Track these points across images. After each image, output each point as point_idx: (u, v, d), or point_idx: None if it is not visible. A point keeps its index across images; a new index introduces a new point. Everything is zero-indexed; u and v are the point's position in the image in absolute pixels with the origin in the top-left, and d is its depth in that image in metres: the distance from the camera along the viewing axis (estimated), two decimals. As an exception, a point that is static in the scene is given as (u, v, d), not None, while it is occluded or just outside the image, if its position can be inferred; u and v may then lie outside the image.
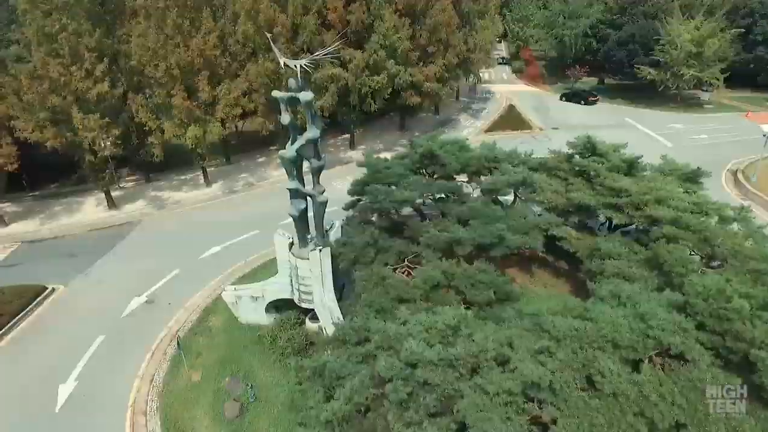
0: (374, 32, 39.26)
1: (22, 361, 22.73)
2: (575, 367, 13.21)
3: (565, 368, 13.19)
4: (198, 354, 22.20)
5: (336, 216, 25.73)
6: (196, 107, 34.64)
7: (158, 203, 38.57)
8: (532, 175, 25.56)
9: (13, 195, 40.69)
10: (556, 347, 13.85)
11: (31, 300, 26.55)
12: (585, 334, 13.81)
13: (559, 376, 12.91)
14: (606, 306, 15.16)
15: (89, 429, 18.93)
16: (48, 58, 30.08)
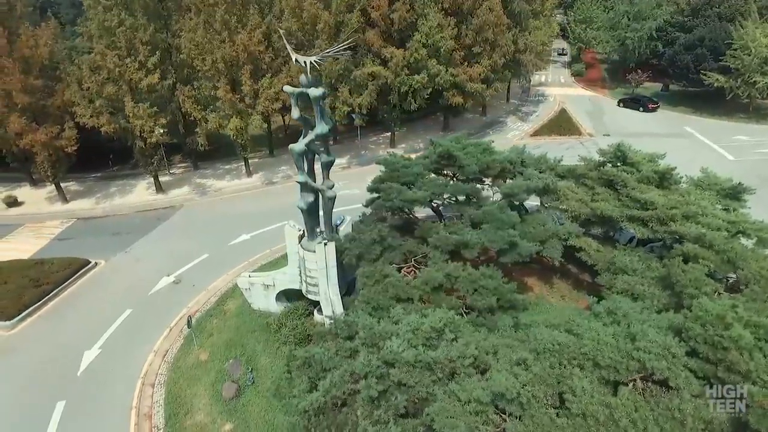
0: (417, 31, 39.12)
1: (58, 326, 24.82)
2: (549, 382, 12.67)
3: (537, 382, 12.68)
4: (210, 335, 23.29)
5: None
6: (239, 100, 36.11)
7: (201, 190, 40.61)
8: (557, 182, 24.60)
9: (77, 175, 44.32)
10: (534, 360, 13.34)
11: (74, 272, 28.90)
12: (566, 350, 13.21)
13: (529, 390, 12.44)
14: (598, 323, 14.39)
15: (102, 394, 20.39)
16: (106, 50, 32.49)
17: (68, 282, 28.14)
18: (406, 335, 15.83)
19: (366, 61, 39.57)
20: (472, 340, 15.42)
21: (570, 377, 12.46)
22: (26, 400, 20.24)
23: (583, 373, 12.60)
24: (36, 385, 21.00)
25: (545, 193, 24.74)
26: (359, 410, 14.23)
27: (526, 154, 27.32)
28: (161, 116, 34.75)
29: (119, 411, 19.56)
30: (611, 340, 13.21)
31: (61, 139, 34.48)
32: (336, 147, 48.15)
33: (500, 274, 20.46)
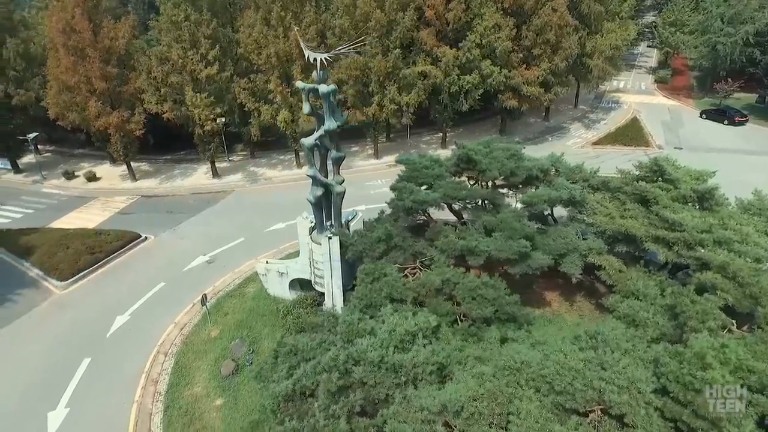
0: (472, 31, 38.32)
1: (101, 291, 27.46)
2: (500, 400, 12.12)
3: (487, 398, 12.17)
4: (225, 314, 24.62)
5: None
6: (290, 94, 37.54)
7: (252, 178, 42.75)
8: (586, 194, 23.15)
9: (150, 157, 48.49)
10: (491, 376, 12.81)
11: (126, 244, 31.74)
12: (526, 369, 12.56)
13: (475, 405, 11.98)
14: (574, 346, 13.50)
15: (123, 356, 22.32)
16: (172, 42, 35.20)
17: (119, 252, 30.97)
18: (383, 335, 15.84)
19: (418, 59, 39.43)
20: (441, 348, 15.11)
21: (521, 398, 11.82)
22: (59, 353, 22.67)
23: (537, 396, 11.90)
24: (70, 340, 23.45)
25: (572, 205, 23.38)
26: (317, 402, 14.47)
27: (561, 162, 25.96)
28: (217, 106, 37.03)
29: (133, 373, 21.31)
30: (579, 365, 12.36)
31: (130, 123, 37.88)
32: (387, 145, 48.59)
33: (504, 285, 19.75)
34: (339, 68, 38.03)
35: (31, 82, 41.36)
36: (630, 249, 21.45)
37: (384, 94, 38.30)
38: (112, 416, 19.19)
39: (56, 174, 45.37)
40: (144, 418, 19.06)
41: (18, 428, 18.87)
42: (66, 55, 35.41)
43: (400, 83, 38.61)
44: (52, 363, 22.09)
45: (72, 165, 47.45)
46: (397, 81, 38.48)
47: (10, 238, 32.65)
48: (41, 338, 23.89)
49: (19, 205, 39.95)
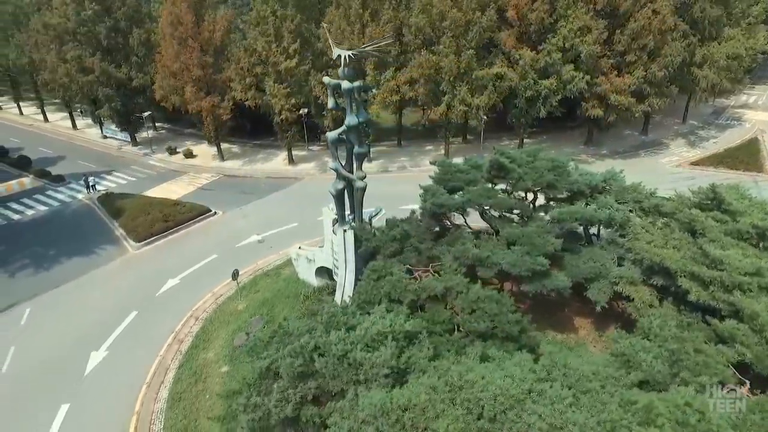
0: (556, 33, 36.15)
1: (164, 256, 30.82)
2: (428, 415, 11.74)
3: (417, 411, 11.86)
4: (256, 291, 26.31)
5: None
6: (361, 89, 38.53)
7: (323, 168, 44.50)
8: (628, 216, 20.96)
9: (242, 140, 52.89)
10: (432, 389, 12.43)
11: (196, 216, 35.16)
12: (467, 389, 12.02)
13: (401, 414, 11.75)
14: (533, 374, 12.58)
15: (162, 315, 24.90)
16: (259, 35, 37.98)
17: (188, 223, 34.42)
18: (359, 331, 15.99)
19: (496, 61, 38.17)
20: (409, 354, 14.87)
21: (448, 417, 11.36)
22: (115, 303, 25.97)
23: (466, 418, 11.34)
24: (127, 294, 26.72)
25: (611, 227, 21.31)
26: (277, 384, 15.07)
27: (617, 179, 23.76)
28: (294, 97, 39.25)
29: (165, 331, 23.74)
30: (522, 395, 11.52)
31: (219, 108, 41.64)
32: (461, 146, 47.78)
33: (510, 302, 18.66)
34: (411, 67, 38.22)
35: (149, 68, 47.21)
36: (666, 283, 19.00)
37: (454, 94, 37.69)
38: (137, 365, 21.60)
39: (163, 149, 51.36)
40: (161, 371, 21.22)
41: (64, 361, 22.05)
42: (171, 44, 39.92)
43: (473, 84, 37.69)
44: (107, 311, 25.39)
45: (178, 142, 53.34)
46: (469, 82, 37.63)
47: (110, 200, 37.83)
48: (106, 288, 27.56)
49: (127, 173, 45.99)
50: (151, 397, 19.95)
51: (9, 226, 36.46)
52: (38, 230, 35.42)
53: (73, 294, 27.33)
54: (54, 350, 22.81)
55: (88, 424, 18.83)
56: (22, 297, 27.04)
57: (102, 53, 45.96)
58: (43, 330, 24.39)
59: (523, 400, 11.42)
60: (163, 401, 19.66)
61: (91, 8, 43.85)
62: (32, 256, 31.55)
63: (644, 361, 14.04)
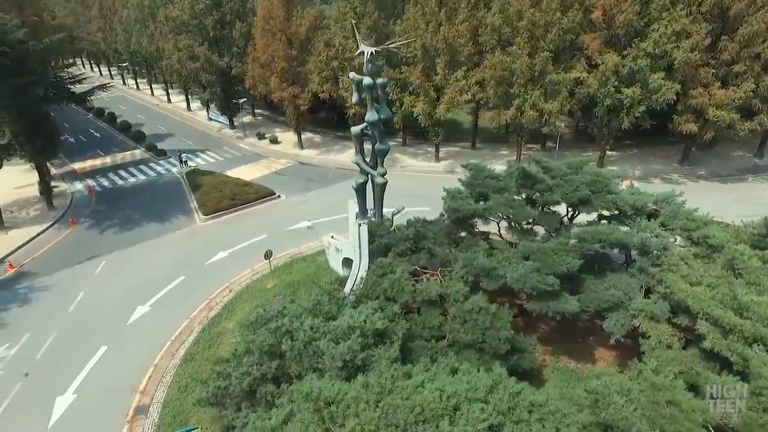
0: (646, 37, 32.79)
1: (223, 231, 33.62)
2: (342, 412, 11.82)
3: (339, 403, 11.98)
4: (289, 272, 27.72)
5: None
6: (432, 88, 38.37)
7: (391, 163, 45.03)
8: (667, 244, 18.65)
9: (324, 130, 55.41)
10: (364, 387, 12.44)
11: (260, 198, 37.76)
12: (393, 395, 11.88)
13: (316, 406, 11.95)
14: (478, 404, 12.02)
15: (204, 284, 27.27)
16: (337, 30, 39.47)
17: (252, 203, 37.09)
18: (336, 323, 16.36)
19: (576, 65, 35.66)
20: (370, 352, 14.89)
21: (360, 419, 11.33)
22: (169, 267, 28.99)
23: (378, 422, 11.22)
24: (180, 261, 29.65)
25: (645, 254, 19.10)
26: (247, 358, 15.96)
27: (671, 202, 21.25)
28: (364, 92, 40.19)
29: (201, 298, 26.01)
30: (437, 406, 11.13)
31: (299, 98, 44.06)
32: (537, 152, 45.28)
33: (506, 319, 17.73)
34: (483, 67, 37.15)
35: (246, 58, 51.29)
36: (691, 324, 16.64)
37: (525, 98, 35.93)
38: (170, 323, 24.01)
39: (254, 134, 55.58)
40: (186, 332, 23.41)
41: (115, 310, 25.22)
42: (263, 36, 43.02)
43: (546, 89, 35.63)
44: (161, 272, 28.47)
45: (269, 128, 57.37)
46: (543, 86, 35.62)
47: (194, 176, 42.02)
48: (167, 252, 30.88)
49: (218, 153, 50.62)
50: (171, 352, 22.13)
51: (113, 189, 42.25)
52: (133, 195, 40.58)
53: (141, 254, 31.01)
54: (109, 300, 26.18)
55: (115, 367, 21.45)
56: (102, 251, 31.35)
57: (209, 43, 50.96)
58: (108, 281, 28.09)
59: (441, 416, 10.98)
60: (179, 358, 21.69)
61: (203, 2, 48.84)
62: (121, 217, 36.32)
63: (613, 404, 12.62)
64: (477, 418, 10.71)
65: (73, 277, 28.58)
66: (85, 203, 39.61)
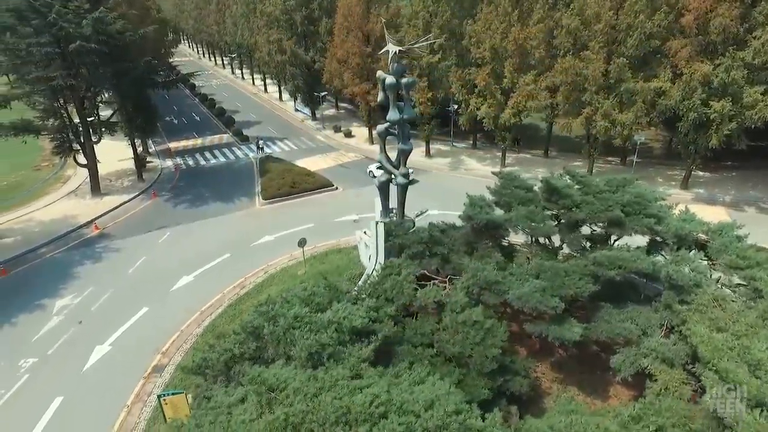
0: (743, 45, 28.82)
1: (277, 216, 35.52)
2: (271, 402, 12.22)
3: (280, 392, 12.38)
4: (322, 262, 28.63)
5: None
6: (498, 91, 37.08)
7: (456, 165, 44.47)
8: (699, 281, 16.51)
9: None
10: (308, 380, 12.73)
11: (319, 188, 39.26)
12: (323, 394, 12.05)
13: (261, 389, 12.45)
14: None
15: (245, 262, 29.04)
16: (409, 28, 39.56)
17: (309, 192, 38.67)
18: (321, 316, 16.78)
19: (661, 73, 32.31)
20: (337, 346, 15.06)
21: (293, 404, 11.65)
22: (220, 244, 31.26)
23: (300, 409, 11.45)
24: (231, 240, 31.83)
25: (675, 289, 17.03)
26: (234, 335, 16.88)
27: (727, 234, 18.79)
28: (433, 91, 39.93)
29: (238, 275, 27.79)
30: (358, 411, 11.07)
31: (370, 95, 44.86)
32: (614, 168, 41.83)
33: (501, 337, 16.88)
34: (554, 71, 35.09)
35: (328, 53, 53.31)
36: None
37: (596, 107, 33.34)
38: (205, 295, 26.01)
39: (331, 126, 57.62)
40: (215, 305, 25.24)
41: (163, 278, 27.81)
42: (340, 32, 44.43)
43: (622, 98, 32.75)
44: (211, 248, 30.84)
45: (348, 122, 59.10)
46: (618, 95, 32.79)
47: (265, 162, 44.74)
48: (223, 231, 33.36)
49: (294, 143, 53.33)
50: (197, 321, 24.04)
51: (195, 168, 46.42)
52: (210, 175, 44.27)
53: (201, 229, 33.84)
54: (162, 267, 28.98)
55: (149, 327, 23.76)
56: (169, 223, 34.71)
57: (297, 38, 53.68)
58: (166, 250, 31.07)
59: (365, 421, 10.90)
60: (203, 328, 23.49)
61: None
62: (194, 194, 39.86)
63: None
64: (394, 429, 10.47)
65: (140, 243, 32.02)
66: (170, 179, 43.98)
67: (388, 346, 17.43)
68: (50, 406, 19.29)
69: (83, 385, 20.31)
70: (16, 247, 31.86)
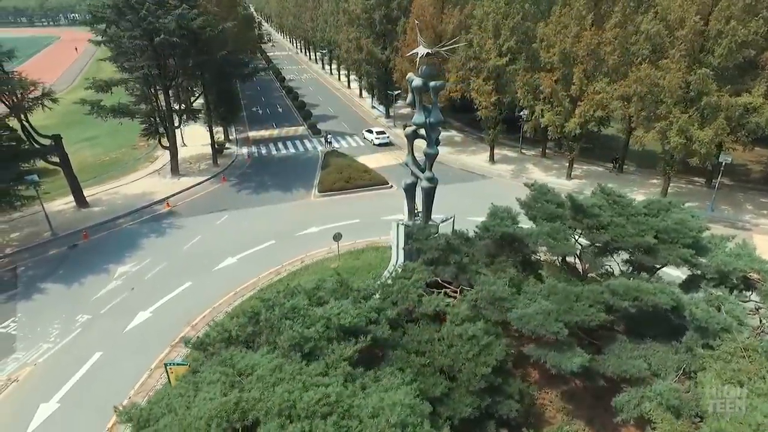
0: None
1: (325, 209, 36.62)
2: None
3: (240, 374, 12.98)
4: (356, 258, 29.14)
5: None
6: (565, 96, 35.07)
7: (518, 173, 42.75)
8: (729, 325, 14.61)
9: (466, 130, 54.83)
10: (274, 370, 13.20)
11: (373, 185, 39.87)
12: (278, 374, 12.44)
13: (226, 372, 13.11)
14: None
15: (285, 250, 30.29)
16: (478, 30, 38.64)
17: (363, 188, 39.34)
18: (316, 310, 17.23)
19: (755, 87, 28.59)
20: (320, 343, 15.34)
21: (242, 390, 12.18)
22: (266, 232, 32.87)
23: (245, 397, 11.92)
24: (279, 230, 33.29)
25: (701, 331, 15.18)
26: (239, 318, 17.80)
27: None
28: (495, 95, 38.72)
29: (276, 263, 29.09)
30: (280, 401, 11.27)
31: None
32: (695, 190, 37.80)
33: (499, 354, 16.19)
34: (628, 80, 32.41)
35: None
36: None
37: (670, 121, 30.29)
38: (242, 277, 27.62)
39: (402, 125, 57.86)
40: (248, 288, 26.69)
41: (212, 257, 29.86)
42: (411, 32, 44.47)
43: (704, 113, 29.46)
44: (259, 234, 32.57)
45: (418, 122, 58.99)
46: (699, 109, 29.54)
47: (329, 156, 46.22)
48: (272, 219, 35.09)
49: (361, 139, 54.34)
50: (229, 301, 25.63)
51: (266, 157, 49.18)
52: (277, 165, 46.66)
53: (255, 215, 35.86)
54: (212, 247, 31.18)
55: (187, 301, 25.72)
56: (230, 206, 37.18)
57: (375, 37, 54.58)
58: (220, 232, 33.35)
59: (307, 417, 11.12)
60: (232, 307, 24.99)
61: (375, -2, 52.59)
62: (258, 182, 42.29)
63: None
64: (326, 430, 10.55)
65: (200, 223, 34.67)
66: (241, 165, 46.99)
67: (383, 348, 17.48)
68: (90, 360, 21.71)
69: (120, 345, 22.58)
70: (101, 215, 35.95)
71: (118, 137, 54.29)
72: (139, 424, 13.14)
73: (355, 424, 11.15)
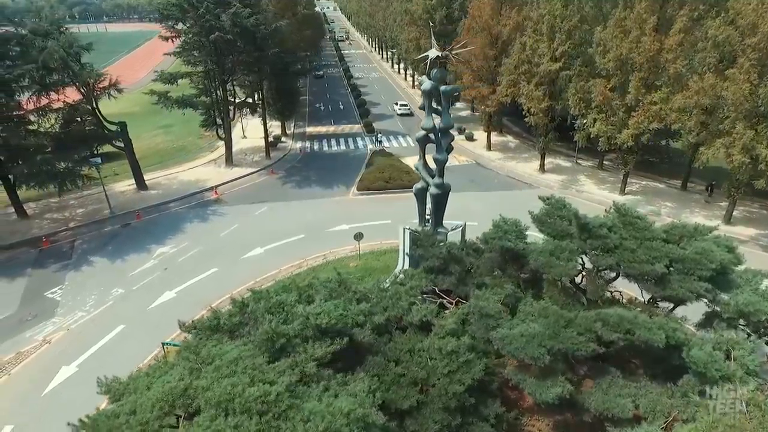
0: None
1: (359, 207, 36.96)
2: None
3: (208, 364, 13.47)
4: (377, 259, 29.16)
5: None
6: (619, 105, 32.70)
7: (568, 185, 40.54)
8: (736, 378, 12.98)
9: (523, 136, 52.82)
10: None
11: (408, 187, 39.30)
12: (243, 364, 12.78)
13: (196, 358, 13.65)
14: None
15: (313, 245, 30.86)
16: (532, 33, 37.01)
17: (401, 189, 39.08)
18: (300, 308, 17.50)
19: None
20: (283, 339, 15.52)
21: (201, 376, 12.63)
22: (297, 227, 33.63)
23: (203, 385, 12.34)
24: (310, 225, 33.94)
25: (700, 376, 13.58)
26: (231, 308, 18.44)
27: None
28: (545, 101, 36.91)
29: (299, 257, 29.75)
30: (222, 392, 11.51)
31: (488, 99, 43.28)
32: (759, 214, 33.67)
33: (478, 371, 15.57)
34: (690, 91, 29.56)
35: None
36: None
37: (734, 137, 27.23)
38: (266, 267, 28.59)
39: (456, 129, 56.86)
40: (269, 279, 27.72)
41: (244, 247, 31.07)
42: (467, 33, 43.52)
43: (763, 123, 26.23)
44: (291, 227, 33.48)
45: (474, 125, 57.64)
46: (752, 122, 26.34)
47: (375, 154, 46.51)
48: (307, 213, 35.90)
49: (411, 140, 54.02)
50: (245, 291, 26.42)
51: (316, 153, 50.55)
52: (326, 161, 47.71)
53: (293, 209, 36.92)
54: (244, 236, 32.53)
55: (211, 285, 27.05)
56: (271, 199, 38.58)
57: (435, 37, 53.88)
58: (257, 223, 34.71)
59: (244, 412, 11.35)
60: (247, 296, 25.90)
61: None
62: (303, 176, 43.54)
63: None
64: (249, 428, 10.69)
65: (240, 213, 36.32)
66: (292, 159, 48.56)
67: (363, 354, 17.37)
68: (113, 331, 23.57)
69: (141, 321, 24.28)
70: (155, 198, 38.74)
71: (189, 127, 58.01)
72: (114, 398, 13.98)
73: (286, 426, 11.20)
